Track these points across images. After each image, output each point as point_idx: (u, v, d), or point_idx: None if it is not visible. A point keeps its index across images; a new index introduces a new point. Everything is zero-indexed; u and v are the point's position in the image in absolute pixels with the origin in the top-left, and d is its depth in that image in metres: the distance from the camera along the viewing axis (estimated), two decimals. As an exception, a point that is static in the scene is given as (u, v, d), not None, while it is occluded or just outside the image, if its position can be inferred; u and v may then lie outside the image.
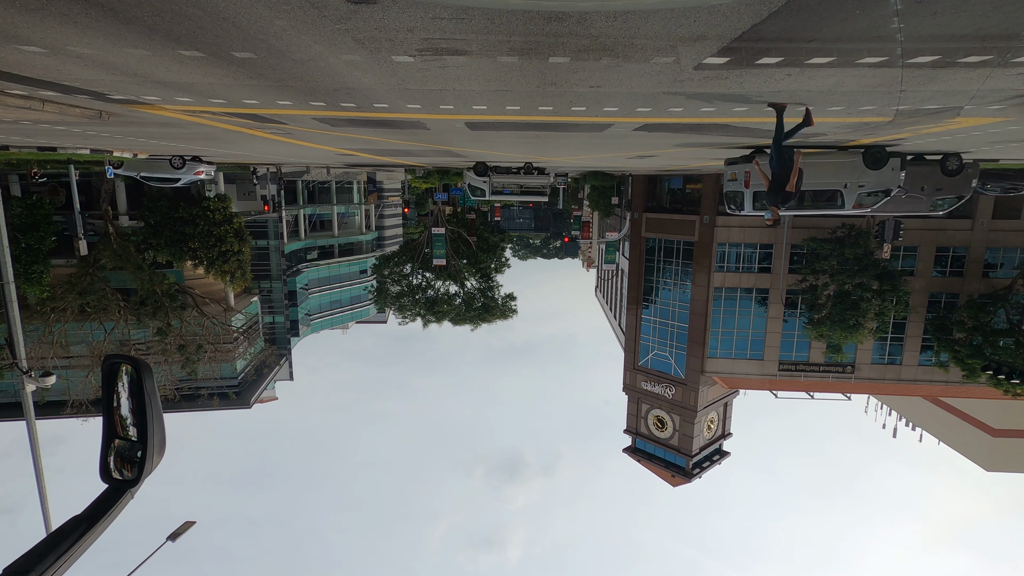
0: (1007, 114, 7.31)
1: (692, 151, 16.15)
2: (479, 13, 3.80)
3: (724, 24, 3.88)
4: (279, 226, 50.06)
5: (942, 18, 3.72)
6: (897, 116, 7.55)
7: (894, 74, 5.18)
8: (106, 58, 4.98)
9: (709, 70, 5.06)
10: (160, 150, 20.95)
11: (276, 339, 52.34)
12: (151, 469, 1.69)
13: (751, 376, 39.85)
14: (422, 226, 59.42)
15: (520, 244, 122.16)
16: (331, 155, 21.69)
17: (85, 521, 1.52)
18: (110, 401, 1.76)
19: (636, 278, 42.69)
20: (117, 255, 32.53)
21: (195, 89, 6.46)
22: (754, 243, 38.12)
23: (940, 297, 36.67)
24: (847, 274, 32.72)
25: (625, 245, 45.30)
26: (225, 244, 33.63)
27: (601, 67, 5.10)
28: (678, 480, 43.62)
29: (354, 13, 3.74)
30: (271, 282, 50.42)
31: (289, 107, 7.77)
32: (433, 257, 44.23)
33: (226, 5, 3.62)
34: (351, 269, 66.76)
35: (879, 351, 38.15)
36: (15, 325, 14.16)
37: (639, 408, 44.55)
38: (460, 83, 5.90)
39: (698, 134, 10.80)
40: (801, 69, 5.06)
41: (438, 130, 11.05)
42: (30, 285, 28.23)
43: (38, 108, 7.83)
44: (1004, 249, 35.81)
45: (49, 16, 3.86)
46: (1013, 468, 39.58)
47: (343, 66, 5.17)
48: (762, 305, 38.62)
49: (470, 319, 44.84)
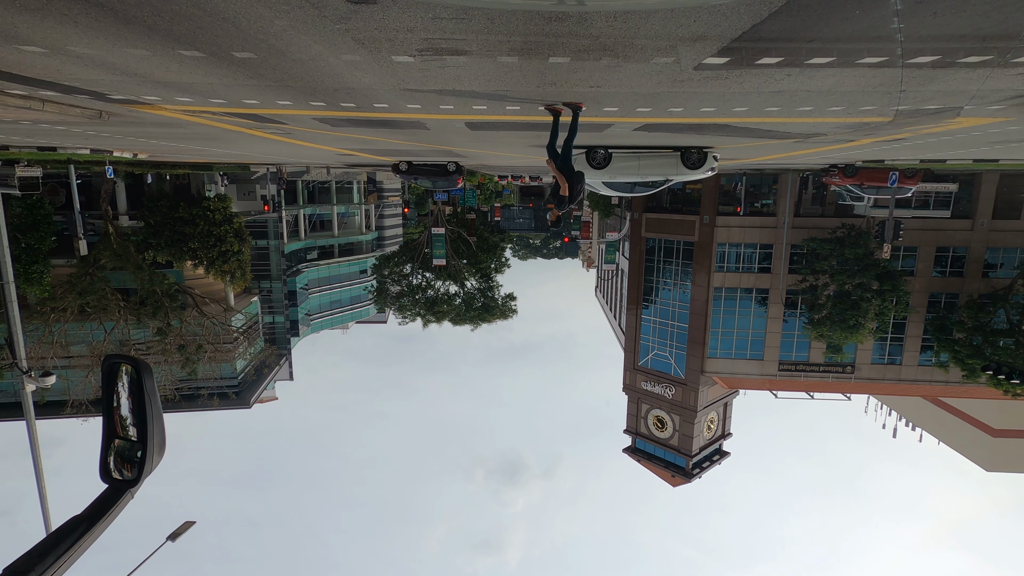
0: (1007, 114, 7.31)
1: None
2: (479, 13, 3.80)
3: (724, 24, 3.88)
4: (279, 226, 50.10)
5: (942, 18, 3.72)
6: (897, 116, 7.55)
7: (894, 74, 5.19)
8: (106, 58, 4.98)
9: (709, 70, 5.07)
10: (160, 150, 20.95)
11: (276, 339, 52.38)
12: (151, 469, 1.69)
13: (751, 376, 39.87)
14: (422, 226, 59.47)
15: (520, 244, 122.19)
16: (331, 155, 21.70)
17: (85, 521, 1.52)
18: (110, 401, 1.76)
19: (636, 278, 42.70)
20: (117, 255, 32.54)
21: (195, 89, 6.46)
22: (754, 243, 38.13)
23: (940, 297, 36.68)
24: (847, 274, 32.73)
25: (625, 245, 45.31)
26: (225, 244, 33.66)
27: (601, 67, 5.10)
28: (678, 480, 43.62)
29: (354, 13, 3.74)
30: (271, 282, 50.44)
31: (289, 107, 7.77)
32: (433, 257, 44.23)
33: (226, 5, 3.62)
34: (351, 269, 66.77)
35: (879, 351, 38.16)
36: (15, 325, 14.16)
37: (639, 408, 44.55)
38: (460, 83, 5.90)
39: (698, 134, 10.81)
40: (801, 69, 5.06)
41: (438, 130, 11.06)
42: (30, 285, 28.23)
43: (38, 108, 7.83)
44: (1004, 249, 35.83)
45: (49, 16, 3.86)
46: (1013, 468, 39.59)
47: (343, 66, 5.17)
48: (762, 305, 38.64)
49: (470, 319, 44.84)
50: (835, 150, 14.96)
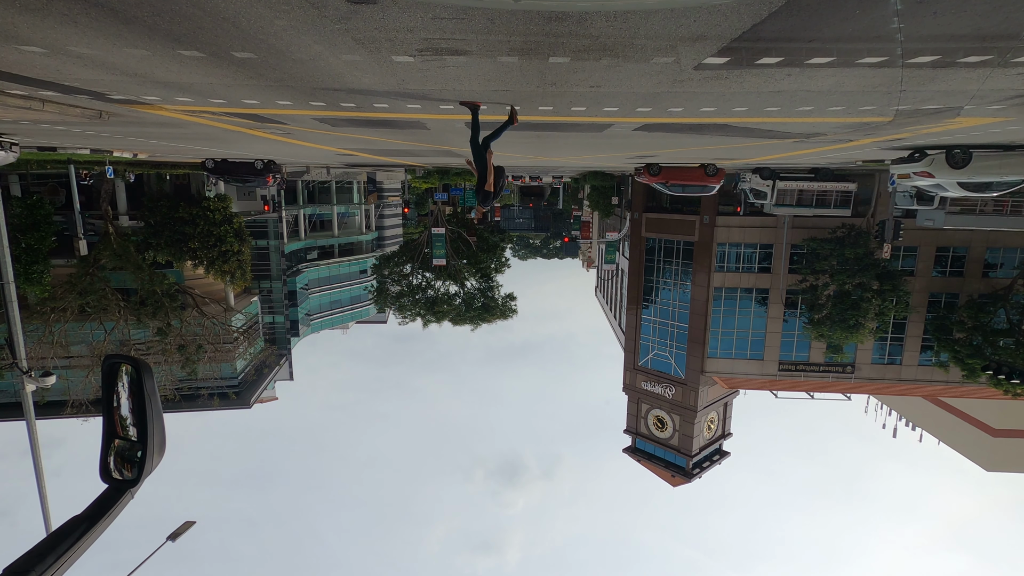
0: (1007, 114, 7.32)
1: (692, 151, 16.17)
2: (479, 13, 3.80)
3: (724, 24, 3.88)
4: (279, 226, 50.08)
5: (942, 18, 3.72)
6: (897, 116, 7.55)
7: (894, 74, 5.19)
8: (106, 58, 4.99)
9: (709, 70, 5.07)
10: (160, 150, 20.95)
11: (276, 339, 52.36)
12: (151, 469, 1.69)
13: (751, 376, 39.86)
14: (422, 226, 59.47)
15: (520, 244, 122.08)
16: (331, 155, 21.70)
17: (85, 521, 1.52)
18: (110, 401, 1.76)
19: (636, 278, 42.70)
20: (117, 255, 32.54)
21: (195, 89, 6.47)
22: (754, 243, 38.13)
23: (940, 297, 36.67)
24: (847, 274, 32.73)
25: (625, 245, 45.30)
26: (225, 244, 33.66)
27: (601, 67, 5.10)
28: (678, 480, 43.62)
29: (354, 13, 3.74)
30: (271, 282, 50.43)
31: (289, 107, 7.77)
32: (433, 257, 44.24)
33: (226, 5, 3.62)
34: (351, 269, 66.75)
35: (879, 351, 38.16)
36: (15, 325, 14.17)
37: (639, 408, 44.55)
38: (460, 83, 5.90)
39: (698, 134, 10.81)
40: (801, 69, 5.06)
41: (438, 130, 11.06)
42: (30, 285, 28.23)
43: (38, 108, 7.83)
44: (1004, 249, 35.81)
45: (49, 16, 3.86)
46: (1013, 468, 39.59)
47: (343, 66, 5.18)
48: (762, 305, 38.63)
49: (470, 319, 44.84)
50: (835, 150, 14.97)
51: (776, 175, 28.51)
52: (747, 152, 16.92)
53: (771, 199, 31.56)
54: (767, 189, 31.11)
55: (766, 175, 27.66)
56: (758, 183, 31.37)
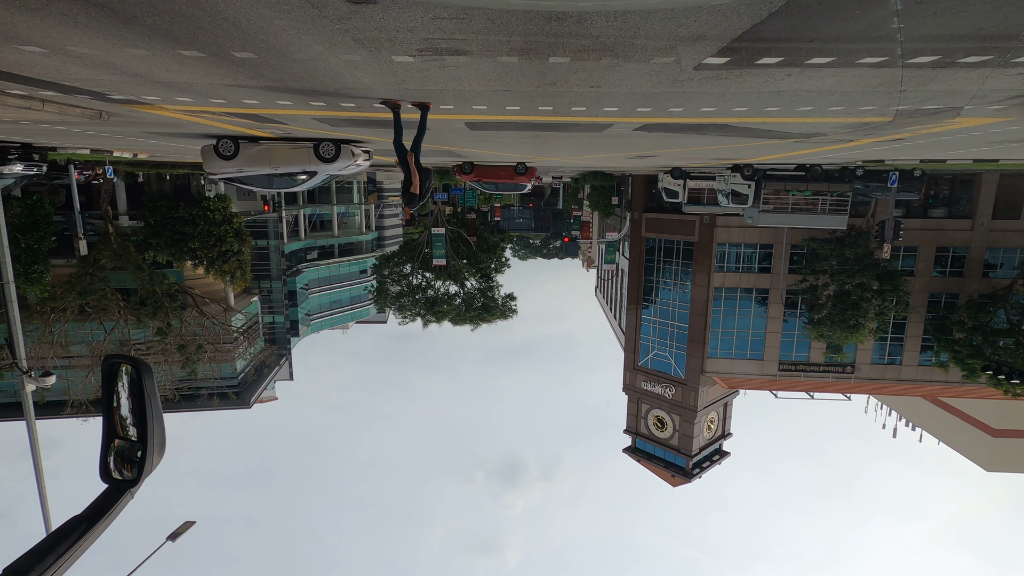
0: (1007, 114, 7.31)
1: (692, 151, 16.16)
2: (479, 13, 3.80)
3: (724, 24, 3.88)
4: (279, 226, 50.11)
5: (942, 18, 3.72)
6: (897, 116, 7.55)
7: (894, 74, 5.19)
8: (106, 58, 4.98)
9: (709, 70, 5.07)
10: (160, 150, 20.94)
11: (276, 339, 52.38)
12: (151, 469, 1.69)
13: (751, 376, 39.87)
14: (422, 226, 59.43)
15: (520, 244, 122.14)
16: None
17: (85, 521, 1.52)
18: (110, 401, 1.76)
19: (636, 278, 42.71)
20: (117, 255, 32.55)
21: (195, 89, 6.47)
22: (754, 243, 38.14)
23: (940, 297, 36.69)
24: (847, 274, 32.75)
25: (625, 245, 45.31)
26: (225, 244, 33.66)
27: (601, 67, 5.10)
28: (678, 480, 43.63)
29: (354, 13, 3.74)
30: (271, 282, 50.44)
31: (289, 107, 7.77)
32: (433, 257, 44.23)
33: (226, 5, 3.62)
34: (351, 269, 66.76)
35: (879, 351, 38.16)
36: (15, 325, 14.17)
37: (639, 408, 44.56)
38: (460, 83, 5.90)
39: (698, 134, 10.81)
40: (801, 69, 5.06)
41: (438, 130, 11.05)
42: (30, 285, 28.23)
43: (38, 108, 7.83)
44: (1004, 249, 35.83)
45: (49, 16, 3.86)
46: (1013, 468, 39.60)
47: (343, 66, 5.18)
48: (762, 305, 38.65)
49: (470, 319, 44.85)
50: (835, 150, 14.97)
51: (748, 174, 28.26)
52: (747, 152, 16.93)
53: (683, 197, 32.50)
54: (679, 188, 32.00)
55: (748, 174, 27.54)
56: (669, 182, 32.26)
